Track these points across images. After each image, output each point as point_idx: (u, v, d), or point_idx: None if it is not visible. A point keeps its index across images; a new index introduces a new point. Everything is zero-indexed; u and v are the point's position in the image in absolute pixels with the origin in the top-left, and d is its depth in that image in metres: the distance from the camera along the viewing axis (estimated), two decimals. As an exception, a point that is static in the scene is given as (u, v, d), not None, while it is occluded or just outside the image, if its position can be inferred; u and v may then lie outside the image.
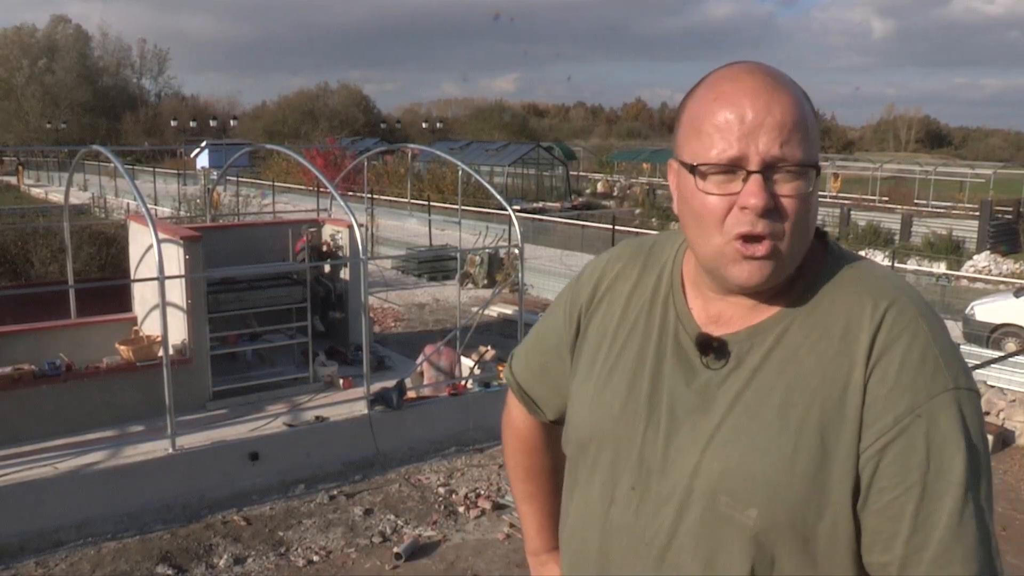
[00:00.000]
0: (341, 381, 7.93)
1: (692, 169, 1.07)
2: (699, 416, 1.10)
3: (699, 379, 1.12)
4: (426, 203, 21.10)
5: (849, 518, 1.03)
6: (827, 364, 1.05)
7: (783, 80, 1.07)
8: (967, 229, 21.31)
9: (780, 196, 1.04)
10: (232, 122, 56.28)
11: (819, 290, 1.10)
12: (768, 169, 1.03)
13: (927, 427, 0.99)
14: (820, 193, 1.11)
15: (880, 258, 16.64)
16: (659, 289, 1.23)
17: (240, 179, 24.01)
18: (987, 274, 16.94)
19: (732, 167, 1.03)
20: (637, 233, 17.37)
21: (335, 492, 6.40)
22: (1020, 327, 10.35)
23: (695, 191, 1.07)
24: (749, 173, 1.03)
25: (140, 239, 7.98)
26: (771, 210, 1.03)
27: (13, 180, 34.61)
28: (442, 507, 6.19)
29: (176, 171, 29.25)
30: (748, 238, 1.04)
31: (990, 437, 7.06)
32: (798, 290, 1.11)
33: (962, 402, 1.01)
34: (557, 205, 27.85)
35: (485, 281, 13.78)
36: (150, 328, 7.63)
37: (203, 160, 35.33)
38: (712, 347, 1.12)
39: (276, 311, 8.05)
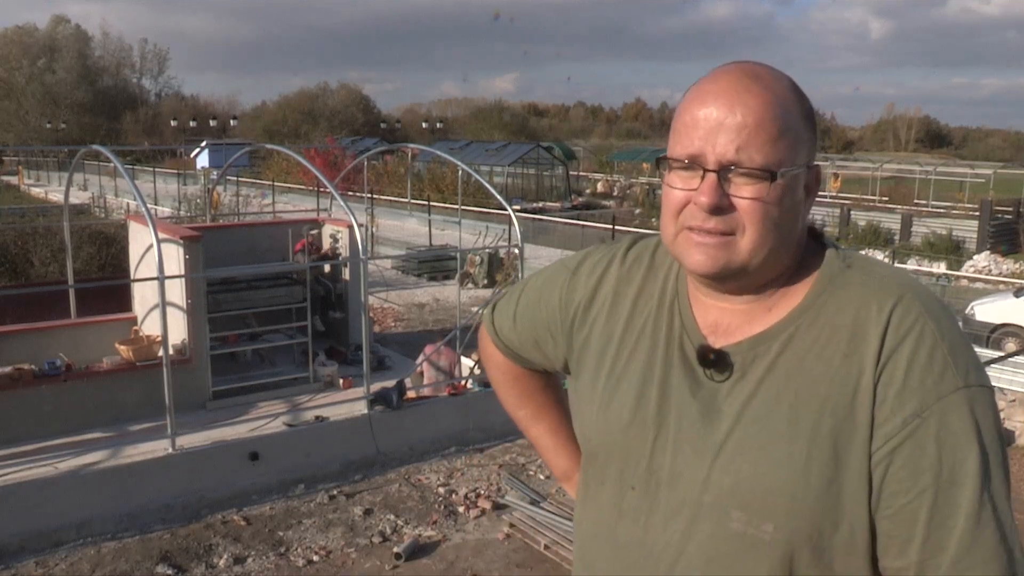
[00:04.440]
0: (341, 381, 7.93)
1: (659, 162, 1.10)
2: (705, 428, 1.08)
3: (704, 390, 1.10)
4: (426, 203, 21.08)
5: (866, 525, 1.00)
6: (835, 370, 1.02)
7: (763, 82, 1.04)
8: (967, 229, 21.29)
9: (736, 197, 1.04)
10: (232, 122, 56.29)
11: (820, 294, 1.07)
12: (724, 170, 1.03)
13: (937, 429, 0.97)
14: (820, 193, 1.10)
15: (880, 258, 16.61)
16: (665, 294, 1.20)
17: (240, 179, 24.02)
18: (987, 274, 16.93)
19: (691, 164, 1.05)
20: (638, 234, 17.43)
21: (335, 492, 6.40)
22: (1020, 327, 10.35)
23: (663, 182, 1.10)
24: (706, 171, 1.04)
25: (140, 239, 7.98)
26: (723, 208, 1.04)
27: (14, 180, 34.59)
28: (442, 507, 6.19)
29: (176, 171, 29.24)
30: (700, 230, 1.06)
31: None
32: (797, 296, 1.08)
33: (973, 400, 0.98)
34: (557, 205, 27.82)
35: (485, 281, 13.78)
36: (150, 328, 7.64)
37: (203, 160, 35.36)
38: (714, 360, 1.09)
39: (276, 311, 8.06)
